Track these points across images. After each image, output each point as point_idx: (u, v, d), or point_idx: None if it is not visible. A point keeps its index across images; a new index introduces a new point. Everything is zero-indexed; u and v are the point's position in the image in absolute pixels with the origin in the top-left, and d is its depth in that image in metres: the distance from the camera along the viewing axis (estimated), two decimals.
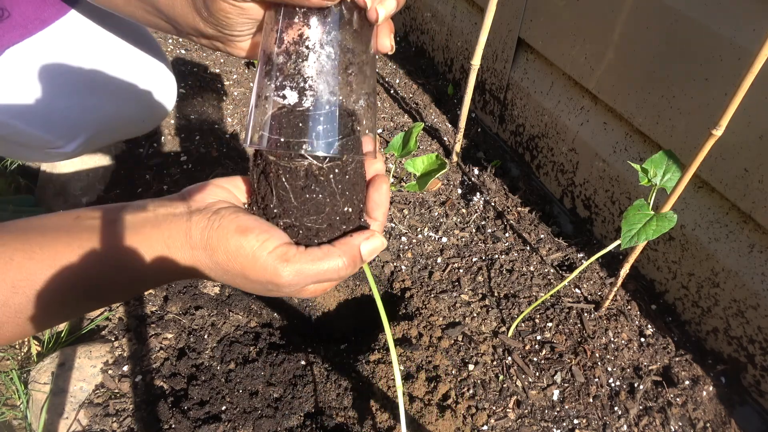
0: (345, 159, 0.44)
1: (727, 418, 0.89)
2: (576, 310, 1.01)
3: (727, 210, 0.87)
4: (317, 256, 0.45)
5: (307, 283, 0.45)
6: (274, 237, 0.44)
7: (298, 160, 0.43)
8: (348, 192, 0.46)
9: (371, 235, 0.47)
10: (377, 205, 0.50)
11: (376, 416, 0.85)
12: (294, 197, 0.45)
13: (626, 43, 0.92)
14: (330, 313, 1.09)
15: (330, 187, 0.45)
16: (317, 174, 0.44)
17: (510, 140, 1.34)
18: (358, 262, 0.47)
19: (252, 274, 0.44)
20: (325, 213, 0.46)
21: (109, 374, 0.89)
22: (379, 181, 0.50)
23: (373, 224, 0.50)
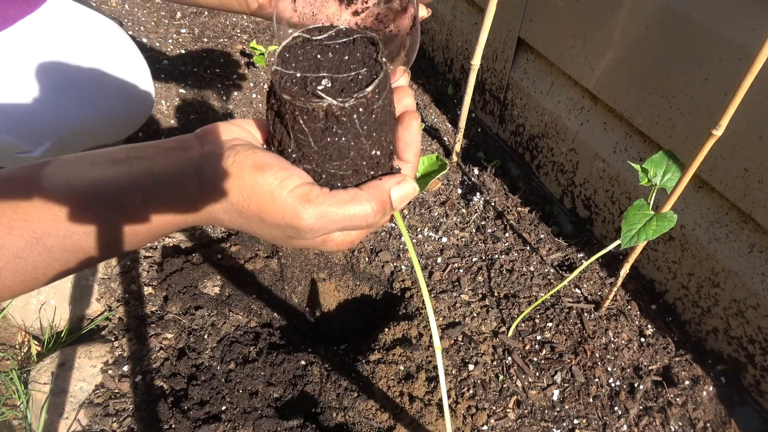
0: (370, 96, 0.38)
1: (727, 418, 0.89)
2: (576, 310, 1.01)
3: (727, 210, 0.87)
4: (343, 198, 0.40)
5: (330, 229, 0.40)
6: (295, 176, 0.40)
7: (315, 100, 0.38)
8: (375, 133, 0.41)
9: (402, 180, 0.43)
10: (407, 144, 0.45)
11: (376, 416, 0.85)
12: (314, 141, 0.40)
13: (626, 43, 0.92)
14: (330, 313, 1.09)
15: (354, 128, 0.39)
16: (339, 115, 0.38)
17: (510, 140, 1.34)
18: (387, 208, 0.42)
19: (269, 217, 0.40)
20: (350, 158, 0.41)
21: (109, 374, 0.89)
22: (409, 118, 0.44)
23: (404, 167, 0.45)
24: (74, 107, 0.90)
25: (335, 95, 0.38)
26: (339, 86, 0.39)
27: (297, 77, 0.39)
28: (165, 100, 1.42)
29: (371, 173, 0.43)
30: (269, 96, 0.41)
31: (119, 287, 1.00)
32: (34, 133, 0.87)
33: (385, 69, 0.40)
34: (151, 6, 1.75)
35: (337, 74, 0.39)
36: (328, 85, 0.39)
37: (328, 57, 0.41)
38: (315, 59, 0.41)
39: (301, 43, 0.41)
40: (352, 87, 0.39)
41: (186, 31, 1.67)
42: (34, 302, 0.96)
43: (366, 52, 0.41)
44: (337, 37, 0.42)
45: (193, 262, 1.04)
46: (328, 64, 0.40)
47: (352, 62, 0.40)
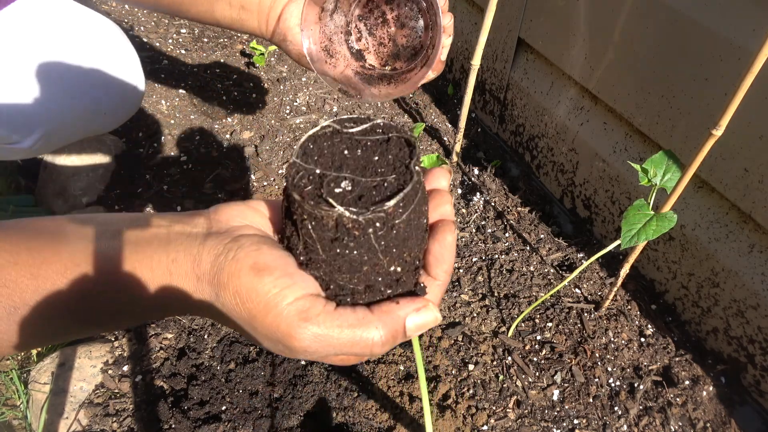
0: (391, 211, 0.33)
1: (727, 418, 0.89)
2: (576, 310, 1.01)
3: (727, 210, 0.87)
4: (348, 321, 0.35)
5: (327, 353, 0.36)
6: (298, 285, 0.35)
7: (325, 207, 0.33)
8: (396, 249, 0.36)
9: (423, 307, 0.37)
10: (438, 261, 0.39)
11: (376, 416, 0.85)
12: (322, 250, 0.35)
13: (626, 43, 0.92)
14: None
15: (369, 244, 0.34)
16: (350, 228, 0.33)
17: (510, 140, 1.34)
18: (399, 337, 0.37)
19: (261, 328, 0.35)
20: (362, 272, 0.36)
21: (109, 374, 0.89)
22: (444, 230, 0.39)
23: (431, 285, 0.39)
24: (62, 98, 0.89)
25: (352, 203, 0.33)
26: (359, 192, 0.34)
27: (315, 174, 0.35)
28: (165, 100, 1.42)
29: (388, 291, 0.37)
30: (283, 192, 0.38)
31: None
32: (22, 124, 0.86)
33: (416, 180, 0.35)
34: None
35: (360, 177, 0.35)
36: (347, 188, 0.34)
37: (356, 155, 0.36)
38: (341, 155, 0.36)
39: (329, 134, 0.37)
40: (373, 196, 0.34)
41: (186, 31, 1.67)
42: None
43: (399, 155, 0.36)
44: (371, 132, 0.38)
45: None
46: (354, 164, 0.36)
47: (381, 165, 0.36)
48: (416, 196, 0.35)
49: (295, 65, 1.58)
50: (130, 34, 1.61)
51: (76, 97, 0.91)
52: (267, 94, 1.48)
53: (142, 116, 1.36)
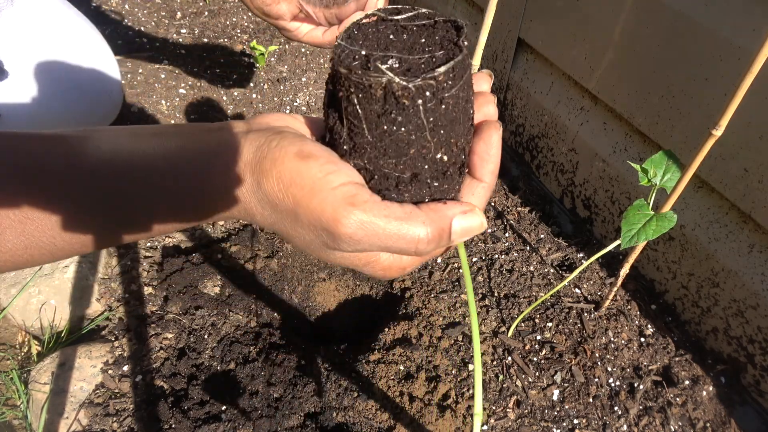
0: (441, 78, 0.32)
1: (727, 418, 0.89)
2: (576, 310, 1.01)
3: (726, 210, 0.88)
4: (395, 213, 0.34)
5: (373, 245, 0.34)
6: (344, 172, 0.34)
7: (375, 74, 0.31)
8: (444, 131, 0.34)
9: (470, 210, 0.36)
10: (483, 160, 0.37)
11: (376, 416, 0.85)
12: (368, 129, 0.33)
13: (626, 43, 0.92)
14: (330, 313, 1.09)
15: (417, 118, 0.33)
16: (400, 96, 0.32)
17: (510, 140, 1.34)
18: (445, 238, 0.35)
19: (306, 215, 0.34)
20: (409, 156, 0.34)
21: (109, 374, 0.89)
22: (489, 129, 0.37)
23: (476, 187, 0.38)
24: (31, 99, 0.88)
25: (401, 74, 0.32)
26: (407, 67, 0.33)
27: (361, 54, 0.34)
28: (165, 100, 1.42)
29: (434, 184, 0.36)
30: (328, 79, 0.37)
31: (119, 287, 1.00)
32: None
33: (465, 54, 0.33)
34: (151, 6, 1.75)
35: (408, 56, 0.33)
36: (395, 65, 0.33)
37: (402, 38, 0.35)
38: (386, 39, 0.35)
39: (374, 21, 0.36)
40: (422, 68, 0.32)
41: (186, 31, 1.67)
42: (34, 302, 0.96)
43: (446, 36, 0.35)
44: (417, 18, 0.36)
45: (193, 262, 1.04)
46: (400, 45, 0.35)
47: (429, 44, 0.34)
48: (465, 73, 0.34)
49: (296, 65, 1.58)
50: (129, 34, 1.61)
51: (49, 101, 0.90)
52: (267, 94, 1.48)
53: (142, 116, 1.36)
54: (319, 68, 1.58)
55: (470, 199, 0.38)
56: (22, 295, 0.96)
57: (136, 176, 0.36)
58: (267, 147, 0.35)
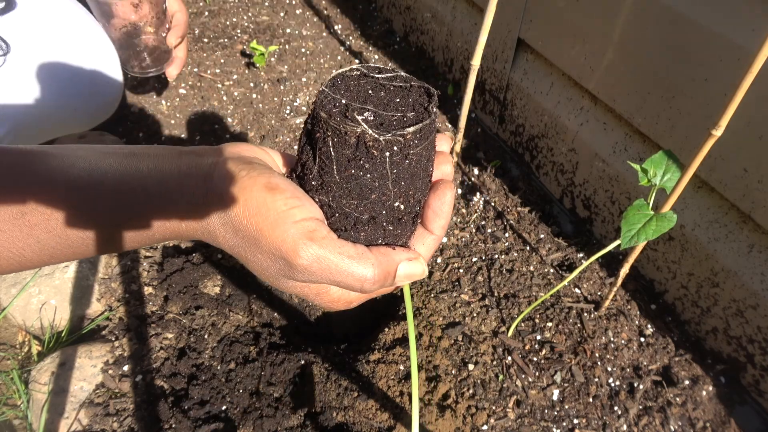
0: (409, 137, 0.36)
1: (726, 418, 0.89)
2: (576, 310, 1.01)
3: (726, 210, 0.88)
4: (348, 251, 0.37)
5: (324, 278, 0.37)
6: (306, 208, 0.37)
7: (351, 124, 0.36)
8: (404, 183, 0.38)
9: (415, 258, 0.40)
10: (436, 215, 0.41)
11: (376, 416, 0.85)
12: (337, 170, 0.37)
13: (626, 43, 0.92)
14: (330, 313, 1.09)
15: (383, 168, 0.37)
16: (370, 146, 0.36)
17: (510, 140, 1.34)
18: (389, 280, 0.39)
19: (266, 243, 0.36)
20: (370, 200, 0.38)
21: (110, 374, 0.89)
22: (445, 187, 0.41)
23: (426, 238, 0.42)
24: (32, 91, 0.88)
25: (374, 127, 0.36)
26: (380, 121, 0.37)
27: (341, 102, 0.38)
28: (165, 100, 1.42)
29: (389, 228, 0.40)
30: (307, 118, 0.41)
31: (119, 287, 1.00)
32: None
33: (432, 119, 0.38)
34: None
35: (382, 111, 0.37)
36: (370, 118, 0.37)
37: (380, 95, 0.39)
38: (365, 93, 0.39)
39: (357, 75, 0.41)
40: (393, 125, 0.37)
41: None
42: (34, 302, 0.96)
43: (419, 100, 0.39)
44: (395, 79, 0.41)
45: (194, 262, 1.04)
46: (377, 101, 0.39)
47: (402, 105, 0.39)
48: (430, 135, 0.38)
49: (295, 65, 1.58)
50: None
51: (47, 92, 0.90)
52: (267, 94, 1.48)
53: (142, 116, 1.36)
54: (319, 68, 1.58)
55: (419, 248, 0.42)
56: (23, 295, 0.96)
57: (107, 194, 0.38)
58: (237, 175, 0.37)
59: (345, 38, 1.73)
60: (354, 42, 1.72)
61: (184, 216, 0.38)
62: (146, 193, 0.38)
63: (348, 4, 1.89)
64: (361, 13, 1.87)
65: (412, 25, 1.68)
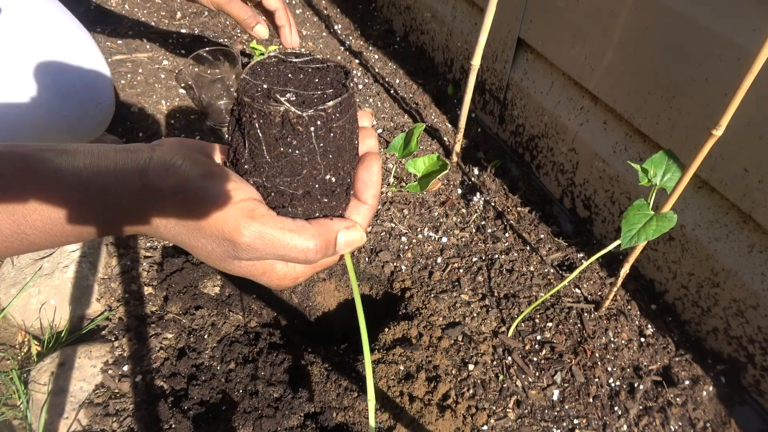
0: (330, 111, 0.38)
1: (727, 418, 0.89)
2: (576, 310, 1.01)
3: (727, 210, 0.88)
4: (288, 226, 0.39)
5: (268, 253, 0.39)
6: (243, 190, 0.39)
7: (274, 104, 0.37)
8: (332, 156, 0.40)
9: (352, 226, 0.42)
10: (366, 185, 0.44)
11: (377, 416, 0.85)
12: (267, 150, 0.39)
13: (626, 43, 0.92)
14: (330, 313, 1.09)
15: (309, 143, 0.38)
16: (294, 123, 0.37)
17: (510, 140, 1.34)
18: (330, 249, 0.41)
19: (208, 227, 0.38)
20: (302, 176, 0.40)
21: (109, 374, 0.89)
22: (371, 159, 0.44)
23: (360, 208, 0.44)
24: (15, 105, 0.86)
25: (296, 106, 0.37)
26: (301, 100, 0.38)
27: (263, 87, 0.39)
28: (165, 100, 1.42)
29: (324, 200, 0.42)
30: (233, 106, 0.42)
31: (119, 287, 1.00)
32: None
33: (351, 93, 0.40)
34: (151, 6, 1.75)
35: (303, 91, 0.39)
36: (291, 99, 0.38)
37: (299, 77, 0.41)
38: (285, 77, 0.41)
39: (275, 62, 0.42)
40: (314, 102, 0.38)
41: (186, 31, 1.67)
42: (34, 302, 0.96)
43: (336, 78, 0.41)
44: (312, 62, 0.42)
45: (193, 262, 1.04)
46: (297, 83, 0.40)
47: (321, 84, 0.40)
48: (350, 109, 0.40)
49: None
50: (129, 34, 1.61)
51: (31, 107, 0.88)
52: None
53: (142, 116, 1.36)
54: None
55: (355, 218, 0.44)
56: (22, 295, 0.96)
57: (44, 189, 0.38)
58: (173, 167, 0.38)
59: (345, 38, 1.73)
60: (354, 42, 1.72)
61: (121, 212, 0.38)
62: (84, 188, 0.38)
63: (348, 4, 1.89)
64: (361, 13, 1.87)
65: (412, 25, 1.68)
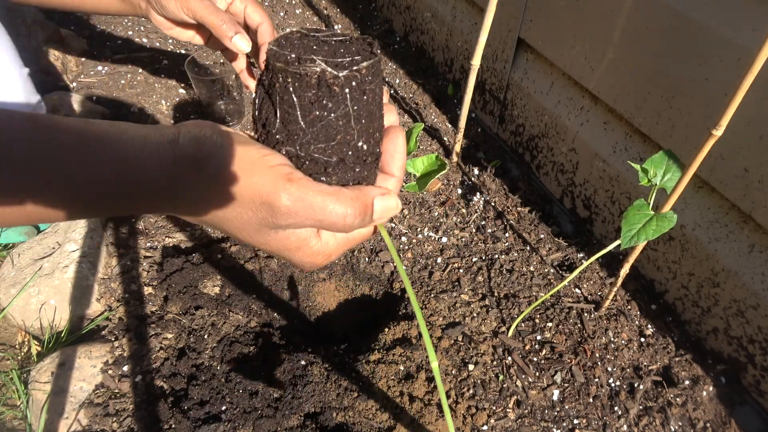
0: (364, 72, 0.38)
1: (727, 418, 0.89)
2: (576, 310, 1.01)
3: (727, 210, 0.87)
4: (326, 190, 0.38)
5: (308, 218, 0.38)
6: (278, 156, 0.38)
7: (309, 65, 0.37)
8: (364, 120, 0.40)
9: (386, 193, 0.42)
10: (392, 157, 0.44)
11: (376, 416, 0.85)
12: (302, 116, 0.38)
13: (626, 43, 0.92)
14: (330, 313, 1.09)
15: (345, 105, 0.38)
16: (331, 84, 0.37)
17: (510, 140, 1.34)
18: (368, 216, 0.40)
19: (244, 190, 0.36)
20: (337, 141, 0.40)
21: (109, 374, 0.89)
22: (395, 131, 0.44)
23: (389, 180, 0.44)
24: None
25: (331, 67, 0.37)
26: (333, 64, 0.38)
27: (292, 56, 0.38)
28: (165, 100, 1.42)
29: (356, 169, 0.42)
30: (261, 76, 0.41)
31: (119, 287, 1.00)
32: None
33: (379, 58, 0.40)
34: None
35: (332, 59, 0.39)
36: (322, 64, 0.38)
37: (324, 48, 0.41)
38: (310, 48, 0.41)
39: (298, 36, 0.42)
40: (346, 65, 0.38)
41: None
42: (34, 302, 0.96)
43: (361, 47, 0.41)
44: (334, 36, 0.43)
45: (193, 262, 1.04)
46: (323, 53, 0.40)
47: (347, 53, 0.40)
48: (379, 75, 0.40)
49: None
50: (129, 34, 1.61)
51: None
52: None
53: (142, 116, 1.36)
54: None
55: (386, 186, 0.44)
56: (22, 295, 0.96)
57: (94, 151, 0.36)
58: (204, 137, 0.37)
59: None
60: None
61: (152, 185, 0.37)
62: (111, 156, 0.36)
63: (348, 4, 1.89)
64: (361, 12, 1.87)
65: (412, 25, 1.68)
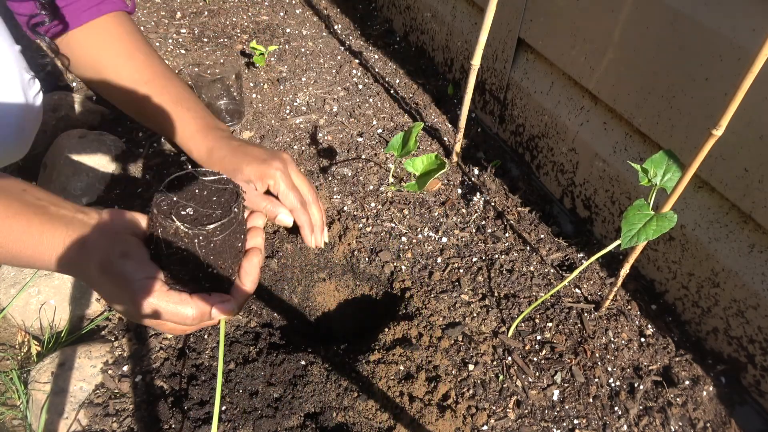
0: (210, 232, 0.54)
1: (727, 418, 0.89)
2: (576, 310, 1.01)
3: (727, 210, 0.87)
4: (173, 300, 0.55)
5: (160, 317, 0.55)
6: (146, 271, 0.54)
7: (170, 221, 0.54)
8: (213, 257, 0.56)
9: (227, 301, 0.58)
10: (246, 274, 0.61)
11: (376, 416, 0.85)
12: (165, 248, 0.55)
13: (626, 43, 0.92)
14: (330, 313, 1.09)
15: (194, 248, 0.55)
16: (183, 236, 0.54)
17: (510, 140, 1.34)
18: (206, 318, 0.57)
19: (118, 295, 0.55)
20: (189, 269, 0.56)
21: (109, 374, 0.89)
22: (252, 254, 0.61)
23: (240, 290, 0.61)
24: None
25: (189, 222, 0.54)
26: (195, 215, 0.55)
27: (172, 200, 0.55)
28: None
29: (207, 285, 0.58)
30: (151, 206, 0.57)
31: None
32: None
33: (233, 217, 0.56)
34: (151, 6, 1.75)
35: (200, 208, 0.55)
36: (189, 213, 0.55)
37: (203, 194, 0.57)
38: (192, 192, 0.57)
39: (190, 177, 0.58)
40: (203, 221, 0.54)
41: (186, 31, 1.67)
42: (34, 302, 0.96)
43: (228, 199, 0.57)
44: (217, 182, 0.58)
45: None
46: (199, 199, 0.56)
47: (215, 204, 0.56)
48: (232, 226, 0.56)
49: (295, 65, 1.58)
50: None
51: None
52: (267, 94, 1.48)
53: None
54: (319, 68, 1.58)
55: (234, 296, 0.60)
56: (22, 295, 0.96)
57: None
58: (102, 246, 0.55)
59: (345, 38, 1.73)
60: (354, 42, 1.72)
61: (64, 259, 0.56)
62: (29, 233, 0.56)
63: (348, 4, 1.89)
64: (361, 12, 1.87)
65: (412, 25, 1.68)
